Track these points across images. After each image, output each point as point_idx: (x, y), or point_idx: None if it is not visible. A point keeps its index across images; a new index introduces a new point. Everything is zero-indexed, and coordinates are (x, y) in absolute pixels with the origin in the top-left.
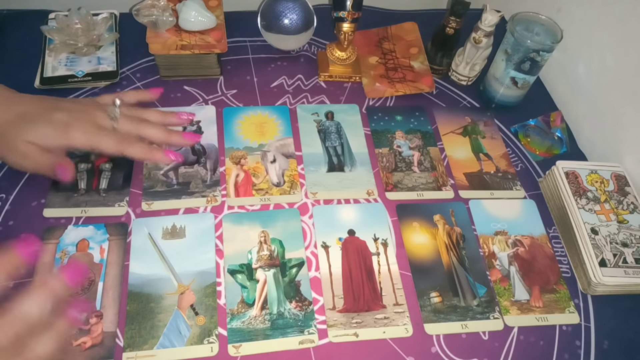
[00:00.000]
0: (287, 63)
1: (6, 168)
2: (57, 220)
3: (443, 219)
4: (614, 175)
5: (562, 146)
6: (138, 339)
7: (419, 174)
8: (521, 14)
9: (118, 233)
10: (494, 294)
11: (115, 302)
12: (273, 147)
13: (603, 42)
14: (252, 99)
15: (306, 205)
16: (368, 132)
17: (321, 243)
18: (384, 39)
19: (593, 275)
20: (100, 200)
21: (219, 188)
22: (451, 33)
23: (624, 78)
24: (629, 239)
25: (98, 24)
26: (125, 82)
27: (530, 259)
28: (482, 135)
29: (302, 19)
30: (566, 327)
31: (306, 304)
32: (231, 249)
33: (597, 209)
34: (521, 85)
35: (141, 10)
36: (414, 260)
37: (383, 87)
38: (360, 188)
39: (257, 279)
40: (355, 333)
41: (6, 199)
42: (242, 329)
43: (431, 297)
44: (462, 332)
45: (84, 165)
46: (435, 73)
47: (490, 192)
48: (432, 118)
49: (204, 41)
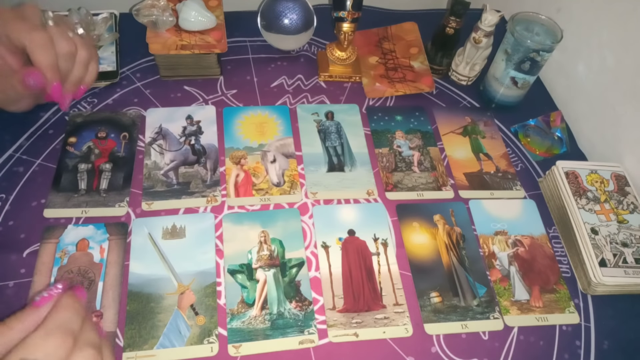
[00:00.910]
0: (287, 63)
1: (6, 168)
2: (56, 220)
3: (443, 219)
4: (614, 175)
5: (562, 146)
6: (138, 338)
7: (419, 174)
8: (521, 14)
9: (118, 233)
10: (494, 294)
11: (115, 302)
12: (273, 147)
13: (603, 42)
14: (252, 99)
15: (306, 205)
16: (368, 132)
17: (321, 243)
18: (384, 39)
19: (593, 275)
20: (101, 201)
21: (219, 188)
22: (451, 33)
23: (624, 78)
24: (629, 239)
25: (98, 24)
26: (125, 81)
27: (530, 259)
28: (482, 135)
29: (302, 19)
30: (566, 327)
31: (306, 304)
32: (231, 249)
33: (597, 209)
34: (521, 85)
35: (141, 10)
36: (414, 260)
37: (383, 87)
38: (360, 188)
39: (257, 279)
40: (355, 333)
41: (6, 199)
42: (242, 329)
43: (431, 297)
44: (462, 332)
45: (84, 166)
46: (435, 73)
47: (490, 192)
48: (432, 118)
49: (204, 41)
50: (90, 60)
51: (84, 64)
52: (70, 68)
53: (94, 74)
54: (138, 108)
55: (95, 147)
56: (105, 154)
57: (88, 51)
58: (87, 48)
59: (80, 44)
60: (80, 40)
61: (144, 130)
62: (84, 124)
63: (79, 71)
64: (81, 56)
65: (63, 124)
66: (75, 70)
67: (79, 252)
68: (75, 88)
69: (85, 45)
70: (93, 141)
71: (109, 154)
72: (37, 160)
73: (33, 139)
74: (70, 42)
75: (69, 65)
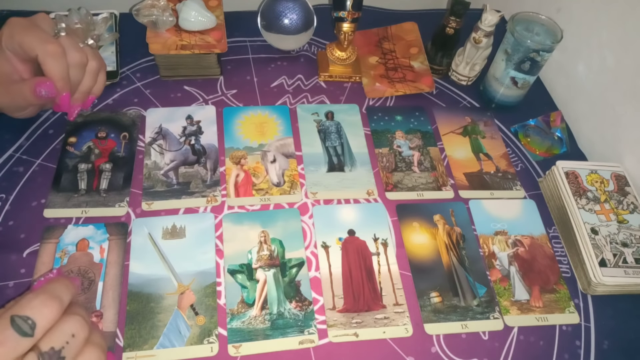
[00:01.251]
0: (287, 63)
1: (6, 168)
2: (56, 220)
3: (443, 219)
4: (614, 175)
5: (562, 146)
6: (138, 338)
7: (419, 174)
8: (521, 14)
9: (118, 233)
10: (494, 294)
11: (115, 302)
12: (273, 147)
13: (603, 42)
14: (252, 99)
15: (306, 205)
16: (368, 132)
17: (321, 243)
18: (384, 39)
19: (593, 275)
20: (101, 201)
21: (219, 188)
22: (451, 33)
23: (624, 78)
24: (629, 239)
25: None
26: (125, 81)
27: (530, 259)
28: (482, 135)
29: (302, 19)
30: (566, 327)
31: (306, 304)
32: (231, 249)
33: (597, 209)
34: (521, 85)
35: (141, 10)
36: (414, 260)
37: (383, 87)
38: (360, 188)
39: (257, 279)
40: (355, 333)
41: (6, 199)
42: (242, 329)
43: (431, 297)
44: (462, 332)
45: (84, 166)
46: (435, 73)
47: (490, 192)
48: (432, 118)
49: (204, 41)
50: (100, 70)
51: (94, 74)
52: (81, 78)
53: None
54: (138, 108)
55: (95, 147)
56: (105, 154)
57: (98, 62)
58: (97, 59)
59: (90, 54)
60: (90, 50)
61: (144, 130)
62: (83, 124)
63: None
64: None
65: (63, 124)
66: (85, 80)
67: (79, 252)
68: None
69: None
70: (93, 141)
71: (109, 153)
72: (37, 160)
73: (33, 139)
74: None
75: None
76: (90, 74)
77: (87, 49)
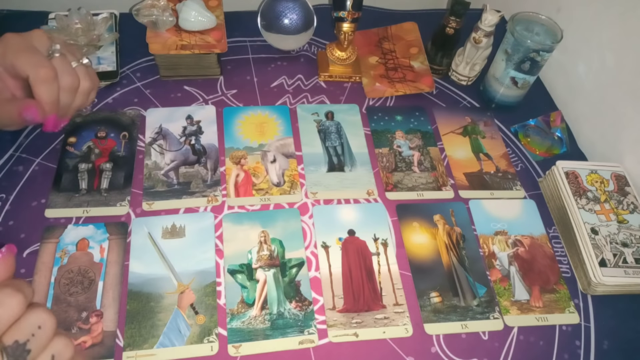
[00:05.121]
0: (287, 63)
1: (6, 168)
2: (57, 220)
3: (443, 219)
4: (614, 175)
5: (562, 146)
6: (138, 338)
7: (419, 174)
8: (521, 14)
9: (118, 232)
10: (494, 294)
11: (115, 302)
12: (273, 147)
13: (603, 42)
14: (252, 99)
15: (306, 205)
16: (368, 132)
17: (321, 243)
18: (384, 39)
19: (593, 275)
20: (102, 200)
21: (219, 188)
22: (451, 33)
23: (624, 78)
24: (629, 239)
25: (98, 24)
26: (125, 81)
27: (530, 259)
28: (482, 135)
29: (302, 19)
30: (566, 327)
31: (306, 304)
32: (231, 249)
33: (597, 209)
34: (521, 85)
35: (141, 10)
36: (414, 260)
37: (383, 87)
38: (360, 188)
39: (257, 279)
40: (355, 333)
41: (6, 199)
42: (242, 329)
43: (431, 297)
44: (462, 332)
45: (84, 166)
46: (435, 73)
47: (490, 192)
48: (432, 118)
49: (204, 41)
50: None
51: (86, 95)
52: (71, 102)
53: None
54: (138, 108)
55: (95, 147)
56: (105, 154)
57: (90, 82)
58: (90, 79)
59: (83, 74)
60: (83, 70)
61: (144, 130)
62: (83, 124)
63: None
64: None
65: None
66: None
67: (79, 251)
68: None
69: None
70: (93, 141)
71: (109, 153)
72: (37, 159)
73: (32, 137)
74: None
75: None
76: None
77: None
